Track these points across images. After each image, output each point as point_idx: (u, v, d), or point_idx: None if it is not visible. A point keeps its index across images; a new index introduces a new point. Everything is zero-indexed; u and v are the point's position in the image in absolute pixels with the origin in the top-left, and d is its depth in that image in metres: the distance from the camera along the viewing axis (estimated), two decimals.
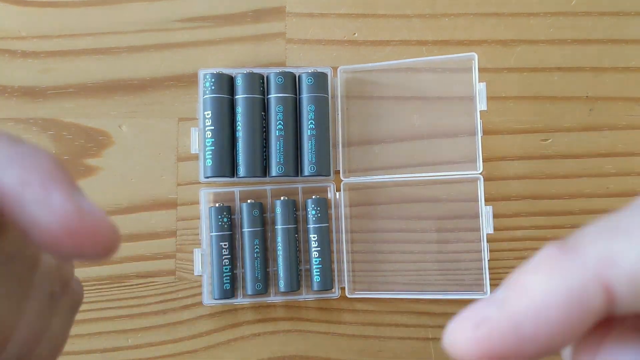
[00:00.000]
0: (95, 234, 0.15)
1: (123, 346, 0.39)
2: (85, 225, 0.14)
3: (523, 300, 0.13)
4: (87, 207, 0.15)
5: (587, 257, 0.13)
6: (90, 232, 0.14)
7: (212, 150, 0.37)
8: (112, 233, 0.15)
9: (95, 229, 0.15)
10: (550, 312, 0.13)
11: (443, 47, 0.40)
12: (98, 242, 0.15)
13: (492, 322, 0.13)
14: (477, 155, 0.37)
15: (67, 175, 0.15)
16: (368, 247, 0.39)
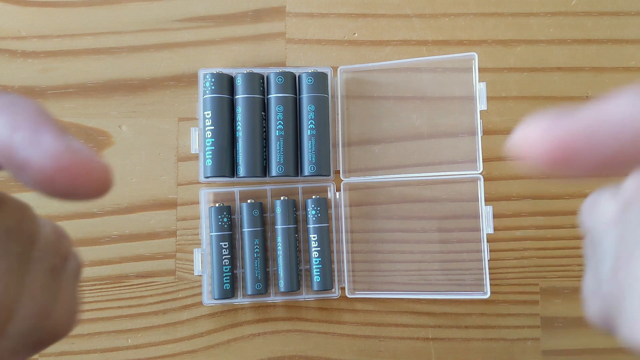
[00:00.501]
0: (88, 171, 0.15)
1: (123, 346, 0.39)
2: (77, 162, 0.15)
3: (607, 110, 0.13)
4: (77, 147, 0.15)
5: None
6: (82, 169, 0.15)
7: (212, 150, 0.37)
8: (104, 170, 0.15)
9: (87, 166, 0.15)
10: (627, 129, 0.12)
11: (443, 47, 0.40)
12: (91, 179, 0.15)
13: (571, 122, 0.13)
14: (477, 155, 0.37)
15: (54, 119, 0.15)
16: (368, 247, 0.39)
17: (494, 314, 0.39)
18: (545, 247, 0.39)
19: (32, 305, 0.18)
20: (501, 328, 0.39)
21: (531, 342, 0.38)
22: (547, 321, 0.39)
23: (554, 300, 0.39)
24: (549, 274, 0.39)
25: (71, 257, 0.21)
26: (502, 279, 0.39)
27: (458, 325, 0.39)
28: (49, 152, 0.14)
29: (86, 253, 0.39)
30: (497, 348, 0.38)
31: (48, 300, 0.19)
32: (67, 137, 0.15)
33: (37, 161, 0.14)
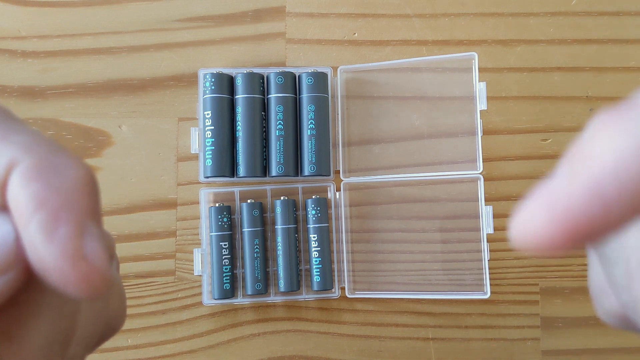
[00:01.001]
0: (84, 281, 0.14)
1: (123, 346, 0.39)
2: (77, 272, 0.14)
3: (595, 162, 0.11)
4: (89, 252, 0.14)
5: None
6: (79, 278, 0.14)
7: (212, 150, 0.37)
8: (101, 282, 0.14)
9: (86, 277, 0.14)
10: (629, 165, 0.11)
11: (443, 47, 0.40)
12: (84, 287, 0.14)
13: (568, 195, 0.11)
14: (477, 155, 0.37)
15: (89, 201, 0.14)
16: (368, 247, 0.39)
17: (494, 314, 0.39)
18: None
19: (93, 306, 0.18)
20: (501, 328, 0.39)
21: (531, 342, 0.38)
22: (547, 321, 0.39)
23: (554, 300, 0.39)
24: (549, 274, 0.39)
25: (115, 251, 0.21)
26: (502, 279, 0.39)
27: (458, 325, 0.39)
28: (55, 249, 0.13)
29: None
30: (497, 348, 0.38)
31: (107, 296, 0.19)
32: (85, 236, 0.14)
33: (40, 250, 0.13)
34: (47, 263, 0.13)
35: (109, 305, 0.20)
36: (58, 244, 0.13)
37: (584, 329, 0.38)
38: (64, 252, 0.13)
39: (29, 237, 0.13)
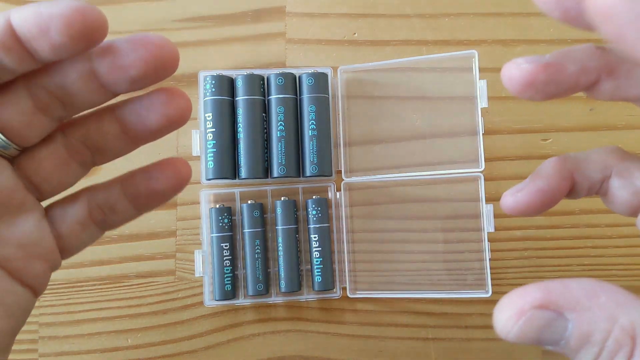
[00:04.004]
0: (88, 29, 0.19)
1: (123, 346, 0.39)
2: (82, 20, 0.19)
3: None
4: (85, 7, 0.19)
5: None
6: (84, 26, 0.19)
7: (213, 153, 0.37)
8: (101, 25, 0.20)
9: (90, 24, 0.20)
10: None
11: (443, 47, 0.40)
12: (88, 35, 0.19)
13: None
14: (478, 153, 0.37)
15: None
16: (369, 247, 0.39)
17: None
18: (545, 247, 0.39)
19: None
20: None
21: None
22: None
23: None
24: (549, 274, 0.39)
25: None
26: (502, 279, 0.39)
27: (458, 325, 0.39)
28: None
29: (86, 253, 0.39)
30: (497, 348, 0.38)
31: None
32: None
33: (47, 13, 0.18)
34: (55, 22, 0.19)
35: None
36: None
37: None
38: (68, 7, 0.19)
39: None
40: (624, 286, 0.18)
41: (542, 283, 0.18)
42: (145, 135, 0.24)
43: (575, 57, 0.19)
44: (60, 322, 0.39)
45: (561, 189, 0.22)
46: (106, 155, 0.25)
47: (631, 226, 0.39)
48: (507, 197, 0.22)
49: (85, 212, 0.25)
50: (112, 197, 0.25)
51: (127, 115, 0.23)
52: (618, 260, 0.39)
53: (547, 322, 0.18)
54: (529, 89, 0.19)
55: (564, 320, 0.18)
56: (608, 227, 0.39)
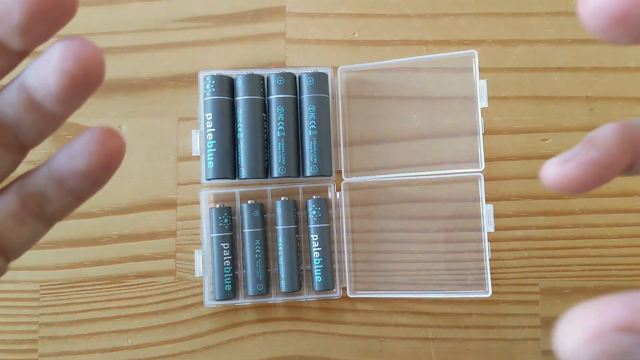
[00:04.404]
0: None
1: (123, 346, 0.39)
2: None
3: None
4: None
5: None
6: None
7: (213, 153, 0.37)
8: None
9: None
10: None
11: (443, 47, 0.40)
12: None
13: None
14: (478, 153, 0.37)
15: None
16: (369, 247, 0.39)
17: (494, 314, 0.39)
18: (545, 247, 0.39)
19: None
20: (501, 328, 0.39)
21: (531, 342, 0.39)
22: (547, 321, 0.39)
23: (554, 300, 0.39)
24: (549, 274, 0.39)
25: None
26: (502, 279, 0.39)
27: (458, 325, 0.39)
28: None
29: (86, 253, 0.39)
30: (497, 348, 0.38)
31: None
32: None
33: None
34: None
35: None
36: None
37: None
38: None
39: None
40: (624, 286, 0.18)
41: (627, 296, 0.13)
42: (53, 102, 0.19)
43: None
44: (60, 322, 0.39)
45: (620, 163, 0.18)
46: (27, 134, 0.21)
47: (631, 226, 0.39)
48: (551, 167, 0.18)
49: (17, 204, 0.21)
50: (42, 184, 0.22)
51: (29, 79, 0.20)
52: (618, 260, 0.39)
53: (633, 348, 0.13)
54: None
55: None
56: (608, 227, 0.39)
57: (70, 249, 0.39)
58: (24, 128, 0.20)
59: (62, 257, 0.39)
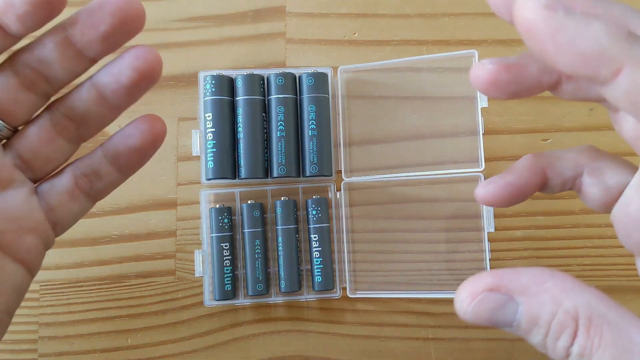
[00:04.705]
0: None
1: (123, 346, 0.39)
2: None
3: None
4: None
5: None
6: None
7: (213, 153, 0.37)
8: None
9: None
10: None
11: (443, 47, 0.40)
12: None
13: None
14: (478, 153, 0.37)
15: None
16: (369, 247, 0.39)
17: None
18: (545, 247, 0.39)
19: None
20: None
21: None
22: None
23: None
24: None
25: None
26: None
27: (458, 325, 0.39)
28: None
29: (86, 253, 0.39)
30: (497, 348, 0.38)
31: None
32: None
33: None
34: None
35: None
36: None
37: None
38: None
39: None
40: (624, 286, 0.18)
41: (496, 270, 0.20)
42: (120, 94, 0.25)
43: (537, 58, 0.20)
44: (60, 322, 0.39)
45: (531, 184, 0.24)
46: (89, 125, 0.26)
47: None
48: (479, 188, 0.25)
49: (71, 181, 0.26)
50: (95, 163, 0.26)
51: (102, 77, 0.25)
52: (618, 260, 0.39)
53: (499, 305, 0.20)
54: (492, 88, 0.20)
55: (514, 304, 0.20)
56: (608, 227, 0.39)
57: (70, 249, 0.39)
58: (88, 120, 0.26)
59: (62, 257, 0.39)
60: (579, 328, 0.19)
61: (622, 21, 0.17)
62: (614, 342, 0.19)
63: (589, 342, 0.19)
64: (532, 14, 0.16)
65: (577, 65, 0.16)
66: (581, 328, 0.19)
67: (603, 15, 0.16)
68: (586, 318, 0.19)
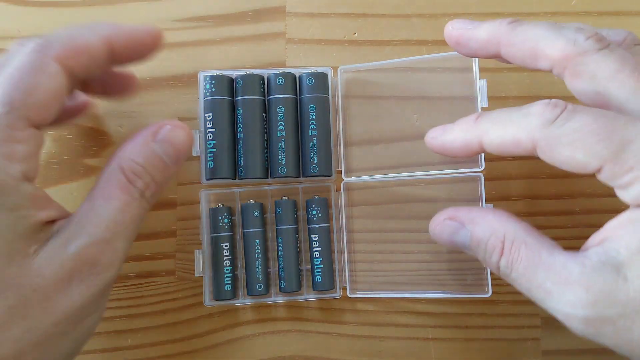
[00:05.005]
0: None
1: (123, 346, 0.39)
2: None
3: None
4: None
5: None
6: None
7: (213, 153, 0.37)
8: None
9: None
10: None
11: (443, 47, 0.40)
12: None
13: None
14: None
15: None
16: (369, 247, 0.39)
17: (494, 314, 0.39)
18: None
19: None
20: (501, 328, 0.39)
21: (531, 342, 0.39)
22: (547, 321, 0.39)
23: None
24: None
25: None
26: (502, 279, 0.39)
27: (458, 325, 0.39)
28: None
29: None
30: (497, 348, 0.38)
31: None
32: None
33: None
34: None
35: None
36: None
37: None
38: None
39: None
40: None
41: (456, 207, 0.30)
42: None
43: (487, 29, 0.29)
44: None
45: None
46: None
47: None
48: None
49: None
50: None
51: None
52: None
53: (454, 229, 0.29)
54: (455, 45, 0.31)
55: (466, 230, 0.28)
56: None
57: None
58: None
59: None
60: (504, 247, 0.26)
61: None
62: (527, 258, 0.26)
63: (510, 257, 0.26)
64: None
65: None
66: (506, 248, 0.26)
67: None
68: (510, 241, 0.26)
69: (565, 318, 0.25)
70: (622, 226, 0.25)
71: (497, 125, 0.27)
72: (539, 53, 0.27)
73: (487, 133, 0.27)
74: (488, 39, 0.29)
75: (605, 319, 0.24)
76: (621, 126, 0.24)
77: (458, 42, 0.31)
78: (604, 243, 0.25)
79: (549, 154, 0.25)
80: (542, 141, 0.25)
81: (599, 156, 0.24)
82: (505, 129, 0.26)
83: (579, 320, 0.24)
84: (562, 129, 0.24)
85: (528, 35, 0.28)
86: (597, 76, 0.26)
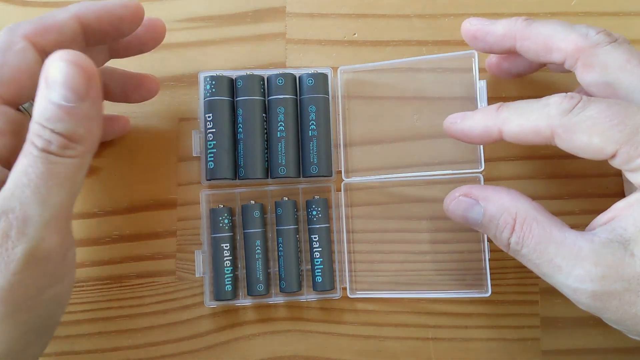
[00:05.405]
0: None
1: (123, 346, 0.39)
2: None
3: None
4: None
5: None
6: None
7: (213, 153, 0.37)
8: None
9: None
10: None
11: (443, 47, 0.40)
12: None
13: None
14: (478, 153, 0.37)
15: None
16: (369, 247, 0.39)
17: (494, 314, 0.39)
18: None
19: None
20: (501, 328, 0.39)
21: (531, 342, 0.39)
22: (547, 321, 0.39)
23: (554, 300, 0.39)
24: None
25: None
26: (502, 279, 0.39)
27: (458, 325, 0.39)
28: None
29: (86, 253, 0.39)
30: (497, 348, 0.39)
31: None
32: None
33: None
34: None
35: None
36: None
37: (584, 329, 0.38)
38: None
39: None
40: None
41: (471, 185, 0.32)
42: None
43: (504, 24, 0.32)
44: (61, 322, 0.38)
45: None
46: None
47: None
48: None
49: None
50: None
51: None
52: None
53: (468, 205, 0.31)
54: (472, 40, 0.34)
55: (479, 207, 0.30)
56: None
57: None
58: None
59: None
60: (516, 224, 0.28)
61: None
62: (539, 234, 0.27)
63: (522, 234, 0.28)
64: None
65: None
66: (517, 224, 0.28)
67: None
68: (522, 218, 0.28)
69: (572, 292, 0.26)
70: (630, 206, 0.26)
71: (518, 114, 0.28)
72: (552, 46, 0.30)
73: (508, 121, 0.28)
74: (504, 33, 0.32)
75: (612, 293, 0.25)
76: (633, 112, 0.25)
77: (475, 37, 0.33)
78: (612, 222, 0.26)
79: (567, 141, 0.26)
80: (560, 128, 0.26)
81: (614, 140, 0.25)
82: (525, 118, 0.28)
83: (587, 295, 0.26)
84: (579, 116, 0.26)
85: (542, 30, 0.30)
86: (609, 66, 0.28)
